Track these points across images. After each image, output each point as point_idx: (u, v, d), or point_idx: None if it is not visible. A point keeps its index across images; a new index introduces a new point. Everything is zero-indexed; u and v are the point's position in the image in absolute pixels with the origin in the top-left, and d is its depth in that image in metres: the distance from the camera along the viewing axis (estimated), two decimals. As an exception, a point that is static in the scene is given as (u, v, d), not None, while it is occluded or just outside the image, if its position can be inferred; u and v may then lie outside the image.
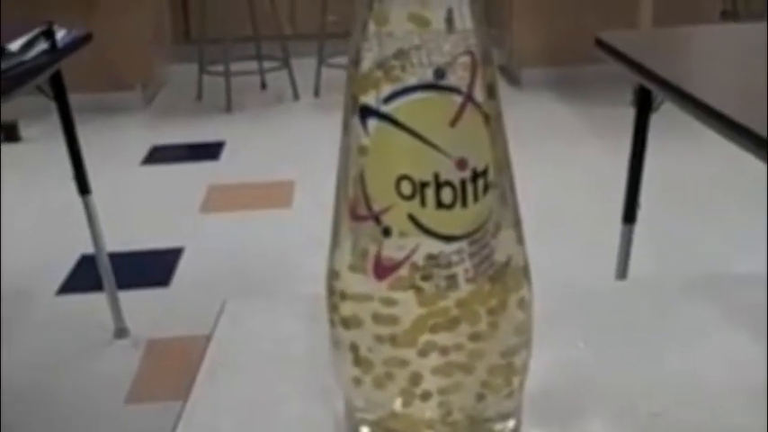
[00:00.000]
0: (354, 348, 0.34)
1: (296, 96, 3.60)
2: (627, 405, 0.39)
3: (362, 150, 0.31)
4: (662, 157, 1.82)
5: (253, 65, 3.66)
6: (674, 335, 0.44)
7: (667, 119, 1.48)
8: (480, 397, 0.34)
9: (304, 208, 2.42)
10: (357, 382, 0.34)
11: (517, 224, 0.34)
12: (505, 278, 0.33)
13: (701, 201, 2.37)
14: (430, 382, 0.33)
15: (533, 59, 3.58)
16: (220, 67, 3.45)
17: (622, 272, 1.46)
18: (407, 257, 0.31)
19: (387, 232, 0.31)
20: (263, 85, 3.78)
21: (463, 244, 0.31)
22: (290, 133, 3.14)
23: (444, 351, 0.32)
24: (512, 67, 3.64)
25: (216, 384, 0.41)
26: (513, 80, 3.62)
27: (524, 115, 3.05)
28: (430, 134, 0.30)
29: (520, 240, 0.34)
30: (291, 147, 2.98)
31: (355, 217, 0.32)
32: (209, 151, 3.01)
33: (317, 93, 3.61)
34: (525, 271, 0.34)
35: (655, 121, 1.42)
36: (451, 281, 0.31)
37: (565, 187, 2.51)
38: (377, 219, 0.31)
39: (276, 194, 2.59)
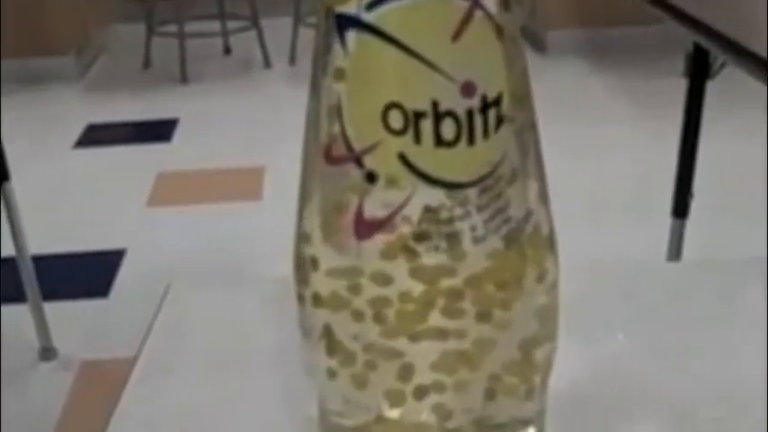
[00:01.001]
0: (329, 333, 0.33)
1: (267, 64, 3.60)
2: (679, 410, 0.39)
3: (339, 74, 0.31)
4: (718, 137, 1.82)
5: (214, 25, 3.66)
6: (737, 325, 0.44)
7: (726, 93, 1.48)
8: (490, 396, 0.33)
9: (276, 201, 2.42)
10: (332, 375, 0.34)
11: (541, 177, 0.33)
12: (524, 243, 0.32)
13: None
14: (425, 377, 0.32)
15: (561, 20, 3.58)
16: (173, 28, 3.45)
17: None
18: (397, 211, 0.31)
19: (371, 178, 0.31)
20: (227, 50, 3.79)
21: (470, 193, 0.31)
22: (260, 109, 3.14)
23: (443, 336, 0.32)
24: (535, 28, 3.64)
25: (153, 387, 0.41)
26: (537, 45, 3.62)
27: (550, 87, 3.05)
28: (426, 49, 0.29)
29: (543, 198, 0.33)
30: (261, 126, 2.98)
31: (330, 160, 0.32)
32: (158, 131, 3.02)
33: (292, 59, 3.61)
34: (550, 241, 0.34)
35: (710, 94, 1.42)
36: (454, 241, 0.31)
37: (599, 175, 2.51)
38: (358, 161, 0.31)
39: (242, 184, 2.60)
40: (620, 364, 0.42)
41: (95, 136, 3.00)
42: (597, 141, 2.77)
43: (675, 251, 1.50)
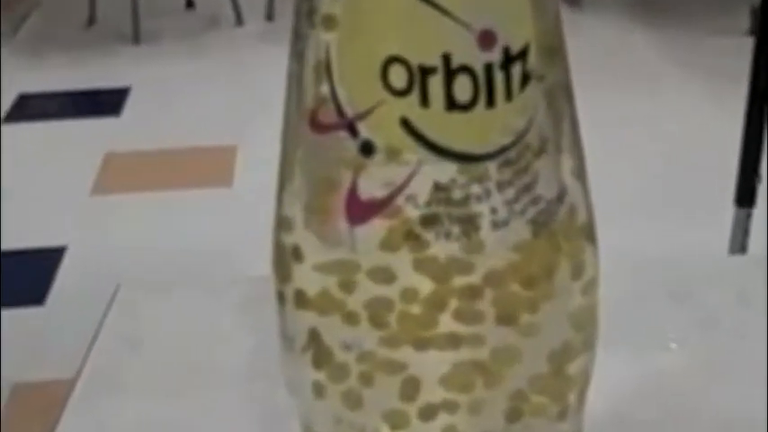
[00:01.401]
0: (316, 340, 0.33)
1: (239, 21, 3.60)
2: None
3: (329, 21, 0.31)
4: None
5: (173, -28, 3.65)
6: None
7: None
8: (513, 418, 0.33)
9: (251, 187, 2.41)
10: (320, 392, 0.34)
11: (577, 150, 0.34)
12: (555, 230, 0.33)
13: None
14: (433, 394, 0.33)
15: (599, -34, 3.58)
16: (123, -24, 3.44)
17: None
18: (399, 190, 0.31)
19: (367, 150, 0.31)
20: (189, 4, 3.78)
21: (489, 167, 0.31)
22: (230, 76, 3.14)
23: (456, 344, 0.32)
24: (566, -24, 3.65)
25: (99, 409, 0.42)
26: (569, -3, 3.62)
27: (586, 47, 3.04)
28: (436, -11, 0.29)
29: (580, 177, 0.34)
30: (232, 96, 2.98)
31: (317, 128, 0.32)
32: (105, 103, 3.01)
33: (269, 15, 3.61)
34: (588, 228, 0.34)
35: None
36: (470, 227, 0.31)
37: (645, 153, 2.51)
38: (351, 129, 0.31)
39: (209, 167, 2.60)
40: (671, 381, 0.42)
41: (28, 109, 3.00)
42: (643, 113, 2.77)
43: (739, 245, 1.50)
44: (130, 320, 0.47)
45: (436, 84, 0.30)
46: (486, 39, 0.30)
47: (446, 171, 0.31)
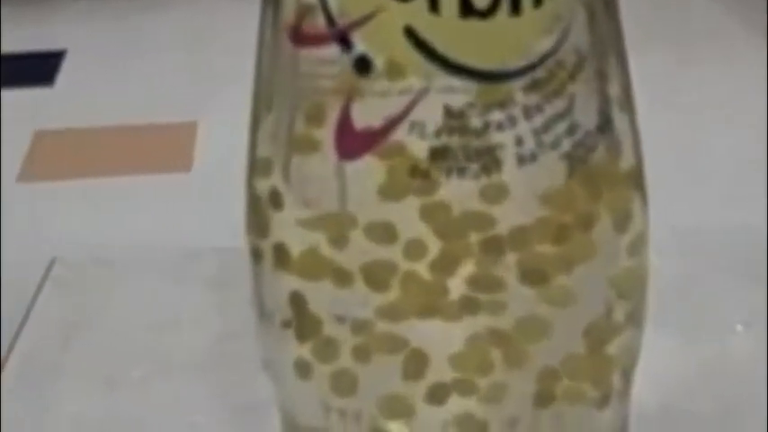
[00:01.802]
0: (299, 305, 0.34)
1: (200, -30, 3.59)
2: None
3: None
4: None
5: None
6: None
7: None
8: (542, 402, 0.34)
9: (215, 172, 2.41)
10: (305, 372, 0.34)
11: (624, 77, 0.34)
12: (595, 169, 0.33)
13: None
14: (444, 372, 0.33)
15: None
16: None
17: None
18: (403, 116, 0.31)
19: (363, 66, 0.31)
20: (139, -50, 3.78)
21: (514, 88, 0.31)
22: (190, 32, 3.13)
23: (472, 312, 0.32)
24: None
25: (32, 397, 0.42)
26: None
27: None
28: None
29: (627, 110, 0.34)
30: (192, 59, 2.97)
31: (301, 40, 0.32)
32: (34, 69, 3.01)
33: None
34: (636, 174, 0.35)
35: None
36: (490, 162, 0.31)
37: (703, 115, 2.51)
38: (344, 40, 0.31)
39: (164, 148, 2.60)
40: (738, 368, 0.43)
41: (-59, 77, 3.00)
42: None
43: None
44: (67, 300, 0.47)
45: (448, -15, 0.30)
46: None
47: (460, 93, 0.31)
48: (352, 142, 0.31)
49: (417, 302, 0.33)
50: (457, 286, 0.32)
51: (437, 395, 0.33)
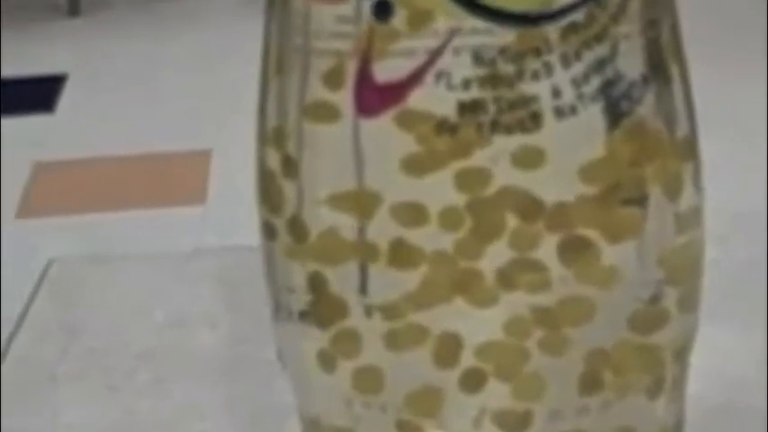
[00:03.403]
0: (320, 291, 0.34)
1: (209, -13, 3.62)
2: None
3: None
4: None
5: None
6: None
7: None
8: (589, 387, 0.34)
9: (231, 204, 2.43)
10: (328, 364, 0.34)
11: (674, 26, 0.34)
12: (643, 127, 0.33)
13: None
14: (481, 356, 0.33)
15: None
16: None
17: None
18: (427, 66, 0.31)
19: (383, 11, 0.31)
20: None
21: (549, 33, 0.31)
22: (200, 56, 3.16)
23: (509, 291, 0.32)
24: None
25: (30, 402, 0.42)
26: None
27: None
28: None
29: (677, 55, 0.34)
30: (202, 82, 3.00)
31: None
32: (34, 95, 3.04)
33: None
34: (690, 139, 0.34)
35: None
36: (525, 115, 0.31)
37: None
38: None
39: (175, 179, 2.61)
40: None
41: (-67, 106, 3.03)
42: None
43: None
44: (66, 302, 0.47)
45: None
46: None
47: (491, 39, 0.31)
48: (373, 96, 0.32)
49: (449, 283, 0.33)
50: (492, 264, 0.32)
51: (471, 383, 0.33)
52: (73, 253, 2.30)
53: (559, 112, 0.31)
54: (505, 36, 0.31)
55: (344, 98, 0.32)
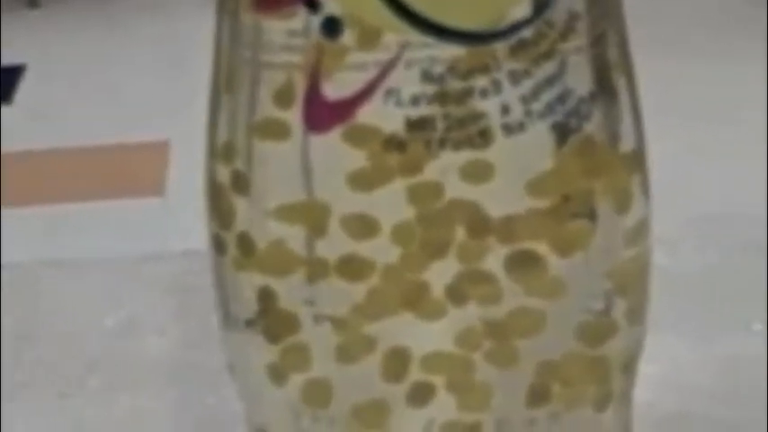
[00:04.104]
0: (269, 305, 0.34)
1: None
2: None
3: None
4: None
5: None
6: None
7: None
8: (535, 402, 0.34)
9: (190, 196, 2.42)
10: (276, 379, 0.34)
11: (621, 44, 0.34)
12: (590, 142, 0.33)
13: None
14: (429, 368, 0.33)
15: None
16: None
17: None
18: (376, 83, 0.31)
19: (331, 29, 0.31)
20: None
21: (498, 51, 0.31)
22: (159, 46, 3.14)
23: (457, 305, 0.32)
24: None
25: None
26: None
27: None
28: None
29: (624, 71, 0.34)
30: (162, 74, 2.98)
31: (263, 5, 0.32)
32: (-7, 86, 3.01)
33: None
34: (638, 153, 0.35)
35: None
36: (474, 132, 0.31)
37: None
38: (310, 1, 0.31)
39: (132, 170, 2.59)
40: (752, 370, 0.42)
41: None
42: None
43: None
44: (18, 308, 0.47)
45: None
46: None
47: (440, 56, 0.31)
48: (323, 112, 0.31)
49: (398, 296, 0.33)
50: (441, 277, 0.32)
51: (419, 395, 0.33)
52: (28, 246, 2.29)
53: (508, 129, 0.31)
54: (454, 54, 0.31)
55: (295, 116, 0.32)
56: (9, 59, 3.16)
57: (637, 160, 0.35)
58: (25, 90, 3.03)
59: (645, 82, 0.37)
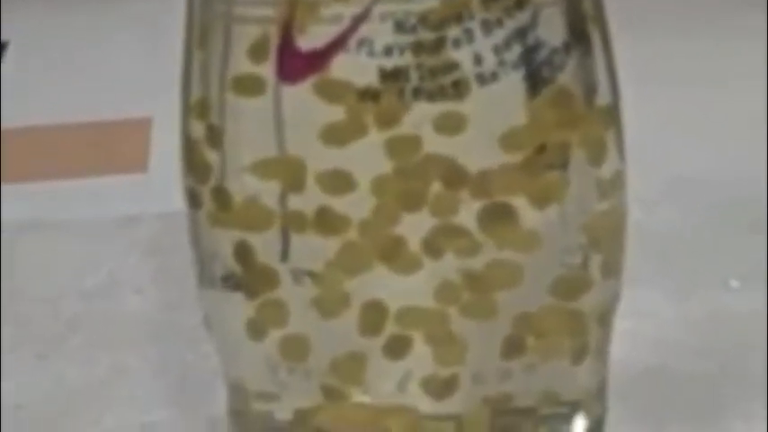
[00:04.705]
0: (247, 261, 0.34)
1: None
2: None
3: None
4: None
5: None
6: None
7: None
8: (510, 353, 0.34)
9: (172, 172, 2.41)
10: (255, 333, 0.34)
11: None
12: (564, 95, 0.33)
13: None
14: (405, 322, 0.33)
15: None
16: None
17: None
18: (349, 33, 0.31)
19: None
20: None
21: (471, 0, 0.31)
22: (141, 23, 3.12)
23: (434, 255, 0.32)
24: None
25: None
26: None
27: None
28: None
29: (598, 22, 0.34)
30: (145, 51, 2.96)
31: None
32: (-28, 65, 2.99)
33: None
34: (612, 105, 0.35)
35: None
36: (447, 81, 0.31)
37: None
38: None
39: (116, 147, 2.58)
40: (730, 326, 0.43)
41: None
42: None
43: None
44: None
45: None
46: None
47: (412, 6, 0.31)
48: (295, 63, 0.31)
49: (374, 250, 0.33)
50: (416, 231, 0.32)
51: (396, 348, 0.33)
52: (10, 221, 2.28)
53: (481, 79, 0.31)
54: (427, 3, 0.31)
55: (269, 70, 0.32)
56: (-15, 35, 3.14)
57: (611, 115, 0.35)
58: (6, 67, 3.02)
59: (627, 48, 0.37)
